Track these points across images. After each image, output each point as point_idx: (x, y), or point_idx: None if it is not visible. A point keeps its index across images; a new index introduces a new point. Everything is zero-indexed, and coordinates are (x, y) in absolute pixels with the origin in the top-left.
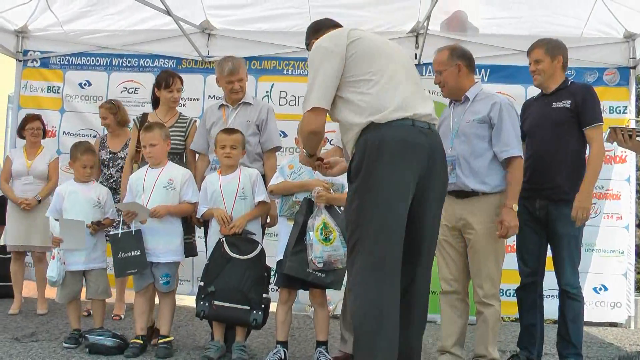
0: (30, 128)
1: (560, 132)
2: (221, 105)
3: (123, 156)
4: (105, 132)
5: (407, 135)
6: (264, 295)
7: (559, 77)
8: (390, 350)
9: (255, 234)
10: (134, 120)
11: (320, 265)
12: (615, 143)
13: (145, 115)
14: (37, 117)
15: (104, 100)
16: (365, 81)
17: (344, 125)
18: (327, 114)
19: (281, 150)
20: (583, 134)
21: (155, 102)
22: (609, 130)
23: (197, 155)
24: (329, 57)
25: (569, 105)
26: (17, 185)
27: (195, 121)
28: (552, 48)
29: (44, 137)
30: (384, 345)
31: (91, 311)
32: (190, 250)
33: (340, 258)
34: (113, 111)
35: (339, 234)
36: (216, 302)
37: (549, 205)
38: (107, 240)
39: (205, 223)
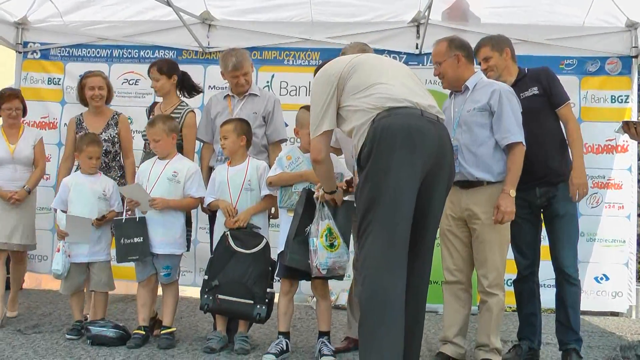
0: (8, 108)
1: (538, 118)
2: (227, 96)
3: (106, 138)
4: (76, 111)
5: (416, 122)
6: (268, 289)
7: (513, 69)
8: (395, 334)
9: (260, 228)
10: (146, 111)
11: (324, 272)
12: (625, 135)
13: (154, 104)
14: (16, 95)
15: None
16: (367, 87)
17: (354, 129)
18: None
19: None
20: (554, 114)
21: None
22: (621, 123)
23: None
24: (326, 85)
25: (537, 91)
26: (0, 175)
27: (190, 111)
28: (497, 43)
29: (24, 116)
30: (389, 329)
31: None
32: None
33: (343, 265)
34: (107, 82)
35: (342, 239)
36: (220, 296)
37: (551, 190)
38: (112, 232)
39: (212, 214)
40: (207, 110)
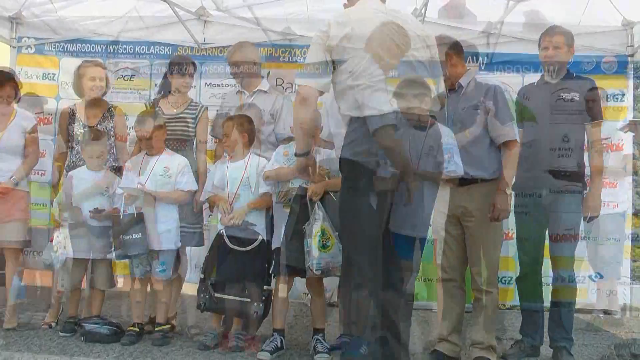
0: None
1: (569, 125)
2: (238, 91)
3: (102, 130)
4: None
5: (404, 132)
6: (265, 287)
7: (565, 68)
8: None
9: (255, 225)
10: (145, 105)
11: (318, 273)
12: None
13: (156, 100)
14: (8, 79)
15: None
16: (362, 79)
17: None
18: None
19: None
20: (583, 127)
21: (165, 87)
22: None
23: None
24: (321, 50)
25: (577, 98)
26: None
27: (207, 108)
28: (570, 38)
29: (18, 101)
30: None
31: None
32: (198, 240)
33: (338, 265)
34: (106, 74)
35: (337, 241)
36: (216, 295)
37: (557, 195)
38: None
39: None
40: (222, 107)
